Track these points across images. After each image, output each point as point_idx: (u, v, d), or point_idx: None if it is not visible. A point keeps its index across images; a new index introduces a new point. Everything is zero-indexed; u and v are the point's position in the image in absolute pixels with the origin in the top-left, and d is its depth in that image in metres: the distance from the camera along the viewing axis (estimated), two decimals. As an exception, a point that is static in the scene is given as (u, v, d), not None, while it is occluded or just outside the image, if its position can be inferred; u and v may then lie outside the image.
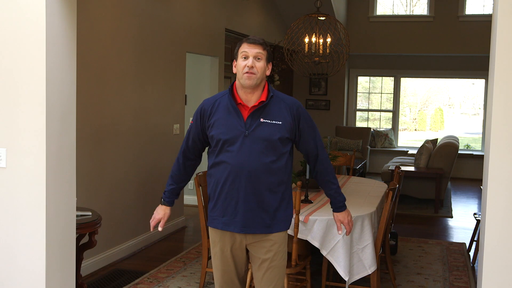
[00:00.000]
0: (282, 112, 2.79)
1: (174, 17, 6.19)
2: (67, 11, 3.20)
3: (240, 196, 2.75)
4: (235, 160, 2.73)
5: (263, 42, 2.77)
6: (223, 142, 2.75)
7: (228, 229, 2.81)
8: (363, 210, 4.10)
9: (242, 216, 2.76)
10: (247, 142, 2.73)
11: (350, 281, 3.89)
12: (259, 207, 2.76)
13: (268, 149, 2.74)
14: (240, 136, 2.73)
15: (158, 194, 6.02)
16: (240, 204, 2.76)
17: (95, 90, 4.86)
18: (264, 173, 2.73)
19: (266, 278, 2.84)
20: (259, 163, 2.72)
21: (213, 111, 2.81)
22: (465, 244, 6.13)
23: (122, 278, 4.76)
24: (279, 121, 2.77)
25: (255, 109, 2.76)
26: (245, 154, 2.72)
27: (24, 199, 3.13)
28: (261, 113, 2.76)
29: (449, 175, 8.34)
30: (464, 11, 10.99)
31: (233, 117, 2.76)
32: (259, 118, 2.75)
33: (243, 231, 2.79)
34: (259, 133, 2.73)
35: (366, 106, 13.01)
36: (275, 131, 2.75)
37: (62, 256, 3.27)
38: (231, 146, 2.74)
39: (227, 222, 2.80)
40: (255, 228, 2.78)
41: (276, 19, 10.11)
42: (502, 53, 2.82)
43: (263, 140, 2.73)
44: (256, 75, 2.72)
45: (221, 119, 2.77)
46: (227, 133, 2.74)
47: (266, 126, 2.75)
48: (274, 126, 2.75)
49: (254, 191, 2.74)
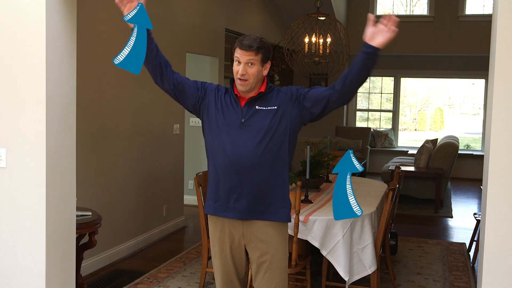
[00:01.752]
0: (278, 98, 2.79)
1: (174, 17, 6.18)
2: (67, 11, 3.20)
3: (236, 182, 2.74)
4: (230, 147, 2.73)
5: (257, 47, 2.71)
6: (219, 128, 2.76)
7: (222, 215, 2.80)
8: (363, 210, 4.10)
9: (236, 202, 2.76)
10: (244, 129, 2.73)
11: (350, 281, 3.89)
12: (253, 194, 2.75)
13: (263, 135, 2.73)
14: (236, 123, 2.74)
15: (158, 194, 6.02)
16: (234, 191, 2.75)
17: (95, 90, 4.86)
18: (259, 161, 2.72)
19: (266, 280, 2.82)
20: (255, 150, 2.71)
21: (215, 93, 2.83)
22: (465, 244, 6.13)
23: (122, 278, 4.76)
24: (274, 106, 2.76)
25: (253, 98, 2.78)
26: (240, 141, 2.72)
27: (24, 199, 3.13)
28: (257, 101, 2.78)
29: (449, 175, 8.34)
30: (464, 11, 10.99)
31: (231, 104, 2.79)
32: (255, 106, 2.77)
33: (237, 217, 2.77)
34: (255, 121, 2.74)
35: (366, 106, 13.01)
36: (271, 118, 2.75)
37: (62, 256, 3.27)
38: (227, 132, 2.75)
39: (221, 208, 2.80)
40: (249, 214, 2.77)
41: (276, 19, 10.11)
42: (502, 53, 2.82)
43: (258, 127, 2.73)
44: (249, 81, 2.73)
45: (220, 104, 2.79)
46: (224, 118, 2.76)
47: (262, 112, 2.75)
48: (270, 112, 2.75)
49: (249, 179, 2.73)
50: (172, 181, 6.31)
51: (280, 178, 2.80)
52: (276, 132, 2.75)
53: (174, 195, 6.39)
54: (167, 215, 6.22)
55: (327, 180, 5.38)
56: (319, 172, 5.08)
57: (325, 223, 3.84)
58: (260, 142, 2.72)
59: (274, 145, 2.75)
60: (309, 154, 4.40)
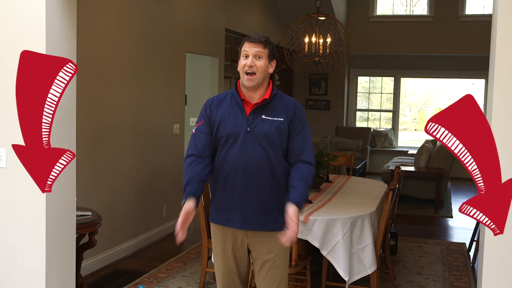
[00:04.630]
0: (284, 109, 2.80)
1: (174, 17, 6.18)
2: (67, 11, 3.20)
3: (240, 192, 2.75)
4: (236, 156, 2.74)
5: (265, 41, 2.76)
6: (226, 137, 2.77)
7: (228, 225, 2.81)
8: (363, 210, 4.10)
9: (242, 212, 2.77)
10: (249, 138, 2.74)
11: (350, 281, 3.89)
12: (259, 204, 2.76)
13: (269, 146, 2.74)
14: (241, 132, 2.75)
15: (158, 194, 6.02)
16: (240, 200, 2.76)
17: (95, 90, 4.86)
18: (264, 170, 2.74)
19: (268, 278, 2.83)
20: (260, 159, 2.73)
21: (218, 106, 2.82)
22: (465, 244, 6.13)
23: (122, 278, 4.76)
24: (280, 118, 2.77)
25: (257, 106, 2.77)
26: (246, 150, 2.73)
27: (24, 199, 3.13)
28: (263, 110, 2.78)
29: (449, 175, 8.33)
30: (464, 11, 10.99)
31: (236, 113, 2.78)
32: (261, 115, 2.76)
33: (243, 227, 2.79)
34: (261, 130, 2.74)
35: (366, 106, 13.00)
36: (276, 128, 2.75)
37: (62, 256, 3.27)
38: (232, 142, 2.75)
39: (228, 218, 2.81)
40: (255, 224, 2.78)
41: (276, 19, 10.11)
42: (502, 53, 2.82)
43: (264, 137, 2.74)
44: (256, 75, 2.73)
45: (226, 115, 2.78)
46: (230, 128, 2.76)
47: (268, 123, 2.76)
48: (275, 123, 2.76)
49: (254, 188, 2.74)
50: (172, 181, 6.31)
51: (285, 186, 2.81)
52: (281, 142, 2.77)
53: (174, 195, 6.39)
54: (167, 215, 6.22)
55: (327, 180, 5.38)
56: (319, 172, 5.08)
57: (325, 223, 3.84)
58: (266, 151, 2.74)
59: (279, 155, 2.77)
60: (309, 154, 4.39)
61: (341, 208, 4.21)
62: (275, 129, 2.75)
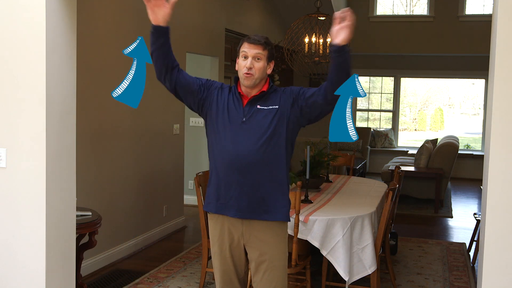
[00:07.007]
0: (279, 98, 2.81)
1: (174, 17, 6.15)
2: (67, 11, 3.20)
3: (235, 181, 2.75)
4: (230, 145, 2.74)
5: (264, 42, 2.77)
6: (221, 126, 2.78)
7: (222, 213, 2.81)
8: (363, 210, 4.10)
9: (236, 201, 2.77)
10: (244, 128, 2.75)
11: (350, 281, 3.89)
12: (254, 193, 2.76)
13: (264, 135, 2.74)
14: (237, 122, 2.76)
15: (158, 194, 6.02)
16: (235, 189, 2.76)
17: (95, 90, 4.86)
18: (259, 160, 2.73)
19: (265, 280, 2.82)
20: (255, 149, 2.73)
21: (218, 92, 2.84)
22: (465, 244, 6.13)
23: (122, 278, 4.76)
24: (275, 106, 2.78)
25: (254, 97, 2.79)
26: (240, 139, 2.74)
27: (24, 199, 3.13)
28: (259, 101, 2.79)
29: (449, 175, 8.33)
30: (464, 11, 10.99)
31: (234, 103, 2.80)
32: (256, 105, 2.78)
33: (237, 215, 2.78)
34: (255, 120, 2.76)
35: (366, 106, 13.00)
36: (271, 117, 2.76)
37: (62, 256, 3.27)
38: (228, 131, 2.76)
39: (222, 206, 2.81)
40: (250, 213, 2.77)
41: (276, 19, 10.11)
42: (502, 53, 2.82)
43: (259, 126, 2.75)
44: (254, 75, 2.75)
45: (222, 103, 2.80)
46: (225, 117, 2.78)
47: (263, 112, 2.77)
48: (271, 112, 2.77)
49: (249, 177, 2.74)
50: (172, 181, 6.32)
51: (280, 177, 2.80)
52: (276, 131, 2.76)
53: (174, 195, 6.39)
54: (167, 215, 6.22)
55: (327, 180, 5.38)
56: (319, 172, 5.08)
57: (325, 223, 3.85)
58: (260, 140, 2.74)
59: (273, 144, 2.76)
60: (309, 154, 4.40)
61: (341, 208, 4.21)
62: (270, 117, 2.76)
